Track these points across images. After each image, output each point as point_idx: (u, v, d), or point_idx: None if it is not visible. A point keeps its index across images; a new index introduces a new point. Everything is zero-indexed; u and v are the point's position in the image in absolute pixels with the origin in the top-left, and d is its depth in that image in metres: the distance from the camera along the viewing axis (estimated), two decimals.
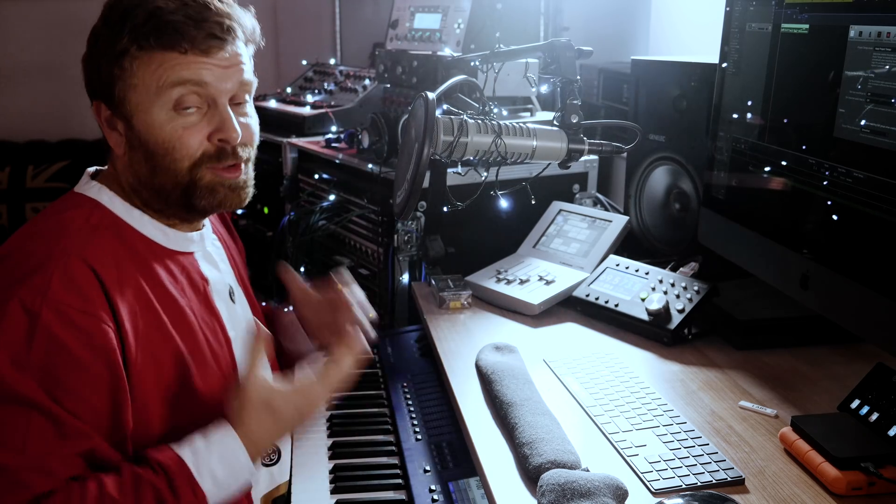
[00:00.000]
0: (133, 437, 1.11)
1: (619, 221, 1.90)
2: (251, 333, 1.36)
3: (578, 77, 1.49)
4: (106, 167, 1.26)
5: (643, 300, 1.62)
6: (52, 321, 1.02)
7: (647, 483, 1.10)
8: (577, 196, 2.14)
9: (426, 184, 1.91)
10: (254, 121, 1.26)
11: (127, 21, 1.13)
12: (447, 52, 2.11)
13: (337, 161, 2.31)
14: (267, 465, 1.34)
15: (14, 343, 1.01)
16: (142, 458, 1.09)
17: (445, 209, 1.69)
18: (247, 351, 1.19)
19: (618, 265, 1.77)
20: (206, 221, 1.34)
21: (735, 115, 1.52)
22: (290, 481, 1.40)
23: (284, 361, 1.48)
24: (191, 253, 1.27)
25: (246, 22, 1.22)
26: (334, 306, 1.43)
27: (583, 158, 1.56)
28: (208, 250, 1.32)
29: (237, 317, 1.33)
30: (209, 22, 1.15)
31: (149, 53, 1.13)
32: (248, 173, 1.25)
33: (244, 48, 1.22)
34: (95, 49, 1.16)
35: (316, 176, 2.39)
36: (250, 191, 1.26)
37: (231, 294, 1.34)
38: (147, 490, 1.04)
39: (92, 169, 1.27)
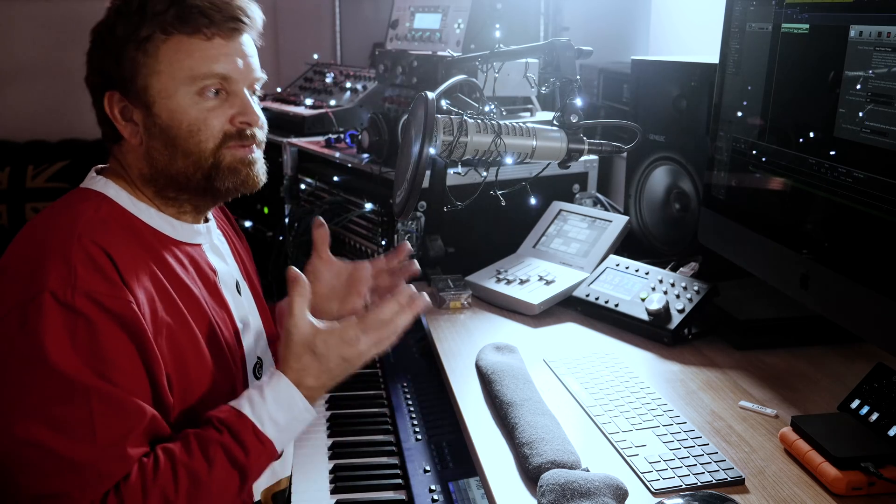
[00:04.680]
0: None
1: (619, 221, 1.90)
2: (259, 329, 1.38)
3: (578, 77, 1.49)
4: (109, 164, 1.27)
5: (643, 300, 1.62)
6: (88, 308, 1.05)
7: (647, 483, 1.10)
8: (577, 196, 2.14)
9: (426, 184, 1.91)
10: (260, 111, 1.28)
11: (147, 9, 1.16)
12: (447, 52, 2.11)
13: (337, 161, 2.31)
14: None
15: (57, 336, 1.03)
16: (202, 420, 1.13)
17: (445, 209, 1.69)
18: (290, 297, 1.21)
19: (618, 265, 1.77)
20: (211, 216, 1.35)
21: (735, 115, 1.52)
22: (290, 476, 1.40)
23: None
24: (199, 244, 1.29)
25: (259, 15, 1.26)
26: (354, 275, 1.49)
27: (583, 158, 1.56)
28: (215, 242, 1.33)
29: (244, 309, 1.35)
30: (231, 6, 1.19)
31: (174, 39, 1.16)
32: (261, 155, 1.28)
33: (252, 42, 1.26)
34: (111, 39, 1.18)
35: (316, 176, 2.39)
36: (264, 172, 1.29)
37: (238, 287, 1.35)
38: (216, 448, 1.09)
39: (99, 167, 1.28)
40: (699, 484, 1.09)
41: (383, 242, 2.07)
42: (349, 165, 2.27)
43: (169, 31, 1.16)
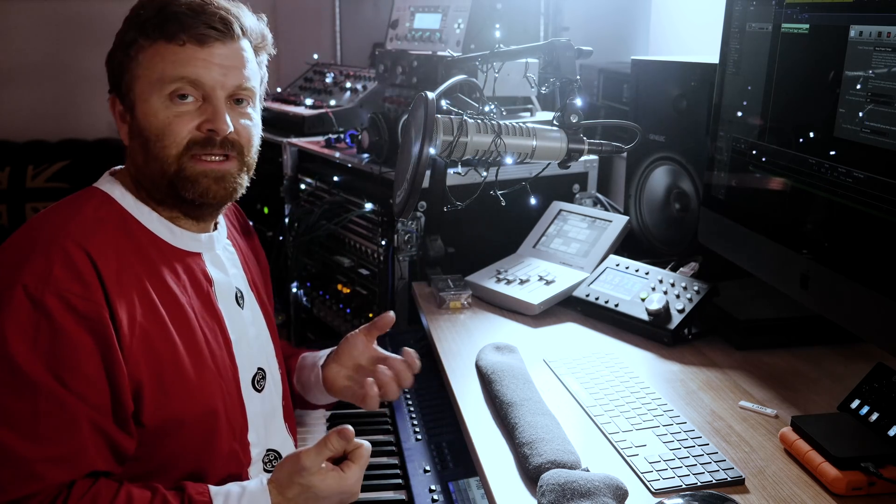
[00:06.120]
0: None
1: (619, 221, 1.90)
2: (263, 339, 1.38)
3: (578, 77, 1.49)
4: (124, 165, 1.29)
5: (643, 300, 1.62)
6: (55, 306, 1.06)
7: (647, 483, 1.10)
8: (577, 196, 2.14)
9: (426, 184, 1.92)
10: (254, 126, 1.27)
11: (139, 14, 1.20)
12: (447, 52, 2.11)
13: (337, 161, 2.31)
14: (269, 471, 1.33)
15: (20, 329, 1.05)
16: (178, 486, 1.15)
17: (445, 209, 1.69)
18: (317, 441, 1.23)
19: (618, 265, 1.77)
20: (221, 225, 1.35)
21: (735, 115, 1.52)
22: None
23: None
24: (198, 254, 1.28)
25: (249, 23, 1.26)
26: (380, 364, 1.44)
27: (583, 158, 1.56)
28: (217, 253, 1.32)
29: (243, 321, 1.33)
30: (207, 14, 1.20)
31: (153, 44, 1.20)
32: (239, 172, 1.25)
33: (249, 51, 1.26)
34: (114, 44, 1.23)
35: (316, 176, 2.39)
36: (239, 186, 1.27)
37: (239, 298, 1.34)
38: None
39: (114, 168, 1.30)
40: (699, 484, 1.09)
41: (383, 242, 2.07)
42: (349, 165, 2.27)
43: (151, 37, 1.19)
